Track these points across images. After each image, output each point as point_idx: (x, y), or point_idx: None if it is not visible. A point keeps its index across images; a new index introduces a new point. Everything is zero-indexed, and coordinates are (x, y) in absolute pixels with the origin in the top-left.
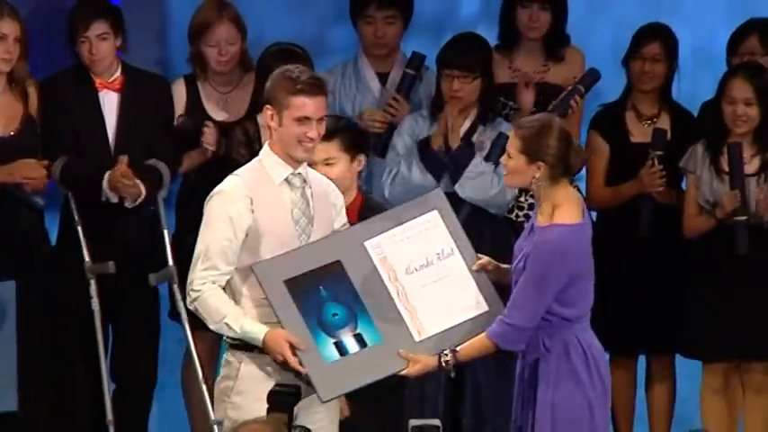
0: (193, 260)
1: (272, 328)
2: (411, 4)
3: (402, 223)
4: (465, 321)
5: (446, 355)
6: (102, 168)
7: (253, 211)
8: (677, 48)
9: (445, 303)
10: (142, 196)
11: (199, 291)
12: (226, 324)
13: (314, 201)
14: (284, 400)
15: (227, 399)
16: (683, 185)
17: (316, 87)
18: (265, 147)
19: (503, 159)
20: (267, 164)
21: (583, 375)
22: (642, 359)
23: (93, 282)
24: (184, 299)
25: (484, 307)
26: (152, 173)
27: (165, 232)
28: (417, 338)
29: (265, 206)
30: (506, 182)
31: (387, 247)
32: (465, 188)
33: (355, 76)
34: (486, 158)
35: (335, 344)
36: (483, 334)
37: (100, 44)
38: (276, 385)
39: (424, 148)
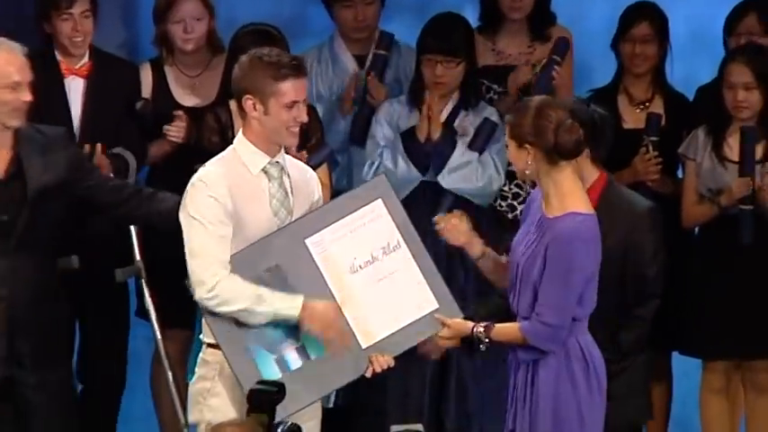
0: (193, 258)
1: (308, 302)
2: None
3: (344, 216)
4: (414, 322)
5: (481, 327)
6: None
7: (233, 201)
8: (668, 26)
9: (393, 303)
10: None
11: (216, 278)
12: (258, 296)
13: (293, 190)
14: (265, 398)
15: (204, 401)
16: (680, 173)
17: (301, 68)
18: (239, 135)
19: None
20: (242, 153)
21: (581, 381)
22: None
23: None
24: (152, 295)
25: (433, 304)
26: (118, 162)
27: (132, 225)
28: (364, 345)
29: (243, 198)
30: (519, 178)
31: (329, 244)
32: (448, 179)
33: (332, 60)
34: (470, 146)
35: (277, 360)
36: (517, 325)
37: (84, 22)
38: (258, 382)
39: (408, 140)
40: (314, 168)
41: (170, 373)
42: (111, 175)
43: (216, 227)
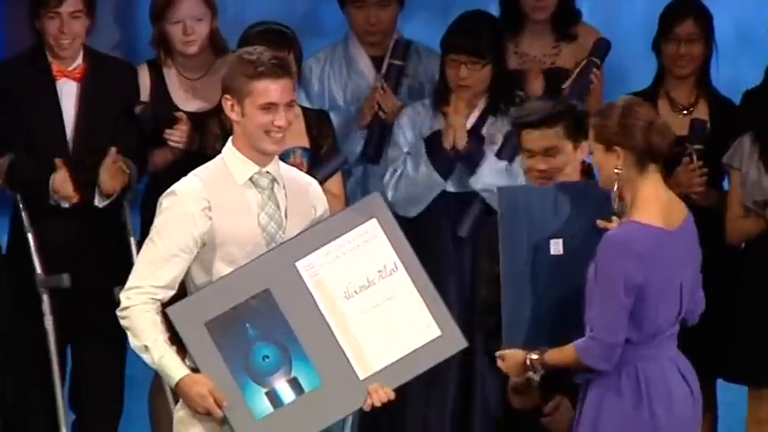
0: (134, 267)
1: (193, 374)
2: None
3: (337, 237)
4: (416, 350)
5: (534, 354)
6: (52, 167)
7: (210, 218)
8: (713, 24)
9: (392, 331)
10: (115, 194)
11: (132, 302)
12: (145, 346)
13: (287, 203)
14: None
15: (184, 429)
16: (726, 185)
17: (279, 69)
18: (228, 143)
19: (591, 159)
20: (230, 162)
21: (628, 412)
22: None
23: (45, 297)
24: None
25: (435, 331)
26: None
27: (132, 240)
28: (362, 376)
29: (227, 211)
30: (601, 185)
31: (321, 268)
32: (480, 178)
33: (346, 62)
34: (499, 154)
35: (267, 394)
36: (572, 344)
37: (73, 22)
38: None
39: (432, 146)
40: (326, 178)
41: (171, 400)
42: (128, 182)
43: (169, 249)
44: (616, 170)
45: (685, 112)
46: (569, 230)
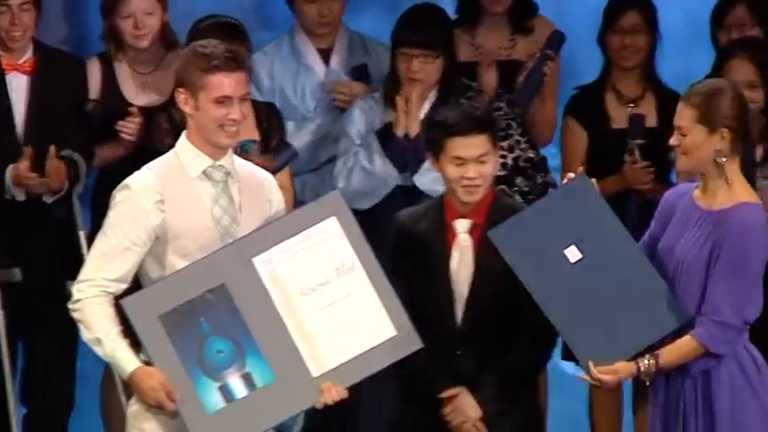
0: (87, 260)
1: (146, 366)
2: None
3: (295, 233)
4: (371, 349)
5: (647, 360)
6: (5, 160)
7: (163, 212)
8: (657, 16)
9: (347, 329)
10: (65, 189)
11: (84, 295)
12: (98, 339)
13: (241, 197)
14: None
15: (138, 424)
16: (674, 177)
17: (233, 62)
18: (182, 137)
19: (673, 141)
20: (183, 156)
21: (760, 391)
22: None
23: None
24: None
25: (391, 331)
26: (69, 166)
27: (82, 234)
28: (315, 374)
29: (178, 204)
30: (680, 166)
31: (278, 264)
32: (423, 179)
33: (294, 56)
34: None
35: (220, 388)
36: (688, 336)
37: (23, 15)
38: None
39: (385, 137)
40: (277, 171)
41: (122, 395)
42: (66, 180)
43: (122, 242)
44: (716, 153)
45: (632, 104)
46: (574, 234)
